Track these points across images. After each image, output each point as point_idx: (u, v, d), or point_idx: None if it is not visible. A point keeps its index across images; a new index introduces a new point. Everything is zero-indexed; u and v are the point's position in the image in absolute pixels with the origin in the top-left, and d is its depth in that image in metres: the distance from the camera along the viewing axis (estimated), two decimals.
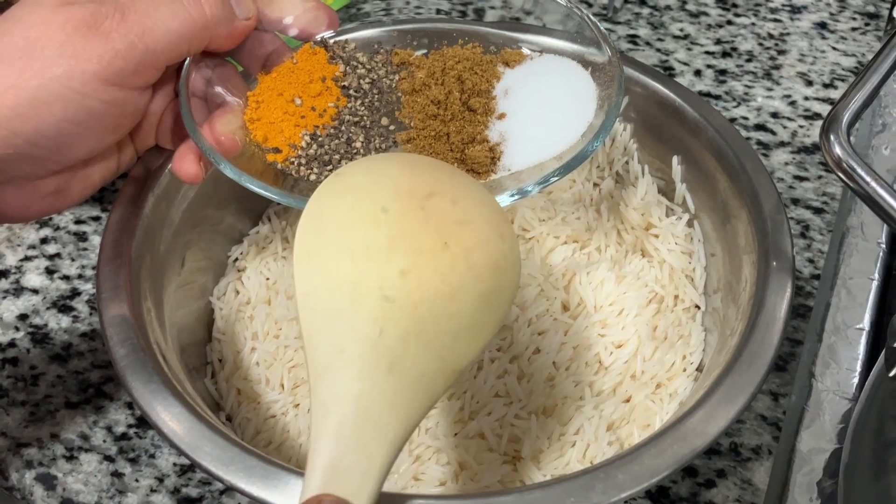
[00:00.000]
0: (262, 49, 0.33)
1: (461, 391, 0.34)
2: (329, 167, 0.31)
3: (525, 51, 0.35)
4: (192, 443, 0.28)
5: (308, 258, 0.25)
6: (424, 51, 0.35)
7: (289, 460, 0.33)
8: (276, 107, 0.32)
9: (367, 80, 0.34)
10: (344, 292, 0.24)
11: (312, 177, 0.31)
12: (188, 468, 0.35)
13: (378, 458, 0.22)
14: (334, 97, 0.33)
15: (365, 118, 0.33)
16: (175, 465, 0.36)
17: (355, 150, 0.32)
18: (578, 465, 0.32)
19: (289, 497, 0.26)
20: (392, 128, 0.33)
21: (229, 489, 0.31)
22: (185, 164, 0.31)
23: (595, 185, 0.41)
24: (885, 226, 0.40)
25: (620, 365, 0.35)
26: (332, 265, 0.24)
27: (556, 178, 0.30)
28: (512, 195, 0.30)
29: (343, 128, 0.32)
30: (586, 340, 0.35)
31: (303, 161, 0.31)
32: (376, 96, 0.33)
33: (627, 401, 0.34)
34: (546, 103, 0.33)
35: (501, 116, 0.32)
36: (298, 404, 0.35)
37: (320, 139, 0.32)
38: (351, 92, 0.33)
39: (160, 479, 0.35)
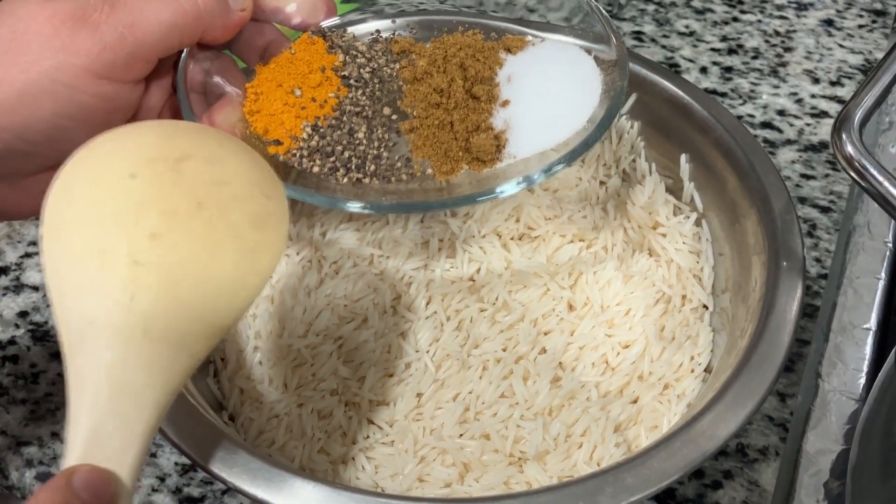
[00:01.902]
0: (260, 40, 0.32)
1: (466, 391, 0.34)
2: (332, 158, 0.31)
3: (528, 37, 0.35)
4: (194, 443, 0.27)
5: (55, 234, 0.24)
6: (425, 40, 0.35)
7: (292, 461, 0.33)
8: (275, 98, 0.32)
9: (368, 69, 0.33)
10: (92, 262, 0.23)
11: (315, 169, 0.31)
12: (190, 468, 0.35)
13: (138, 424, 0.22)
14: (335, 87, 0.32)
15: (367, 108, 0.32)
16: (177, 464, 0.35)
17: (358, 142, 0.31)
18: (585, 466, 0.31)
19: (292, 499, 0.26)
20: (395, 117, 0.32)
21: (231, 489, 0.30)
22: None
23: (602, 183, 0.41)
24: (893, 225, 0.39)
25: (627, 366, 0.34)
26: (80, 237, 0.24)
27: (563, 166, 0.30)
28: (519, 183, 0.29)
29: (345, 118, 0.32)
30: (593, 341, 0.35)
31: (305, 153, 0.31)
32: (377, 85, 0.33)
33: (635, 402, 0.34)
34: (550, 90, 0.33)
35: (505, 104, 0.32)
36: (302, 404, 0.34)
37: (322, 130, 0.31)
38: (351, 82, 0.33)
39: (161, 479, 0.35)
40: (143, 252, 0.23)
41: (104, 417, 0.22)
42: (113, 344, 0.23)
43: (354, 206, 0.29)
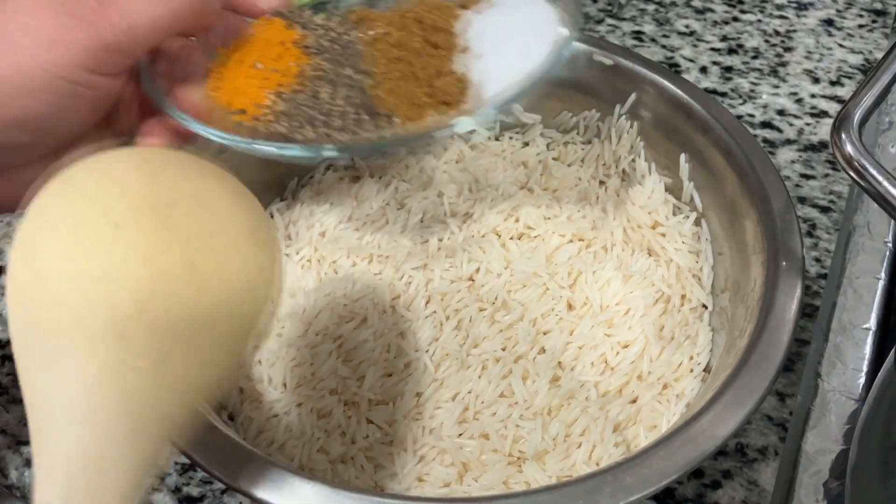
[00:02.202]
0: (221, 24, 0.32)
1: (465, 391, 0.34)
2: (297, 118, 0.31)
3: None
4: (194, 442, 0.27)
5: (24, 292, 0.21)
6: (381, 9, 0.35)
7: (291, 460, 0.33)
8: (237, 73, 0.32)
9: (327, 38, 0.33)
10: (68, 331, 0.20)
11: (282, 129, 0.31)
12: (189, 467, 0.35)
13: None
14: (295, 57, 0.32)
15: (329, 72, 0.32)
16: (176, 463, 0.35)
17: (322, 101, 0.31)
18: (584, 466, 0.31)
19: (291, 498, 0.26)
20: (357, 77, 0.32)
21: (230, 489, 0.30)
22: (150, 140, 0.31)
23: (601, 182, 0.41)
24: (893, 225, 0.39)
25: (627, 365, 0.34)
26: (55, 300, 0.21)
27: (525, 95, 0.30)
28: (476, 118, 0.29)
29: (307, 83, 0.32)
30: (592, 340, 0.35)
31: (270, 117, 0.31)
32: (338, 50, 0.33)
33: (634, 401, 0.34)
34: (508, 33, 0.33)
35: (465, 50, 0.32)
36: (301, 403, 0.34)
37: (285, 96, 0.31)
38: (312, 50, 0.33)
39: (161, 478, 0.35)
40: (129, 323, 0.20)
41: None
42: (84, 427, 0.20)
43: (328, 152, 0.29)
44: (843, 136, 0.29)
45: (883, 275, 0.38)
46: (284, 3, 0.33)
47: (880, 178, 0.29)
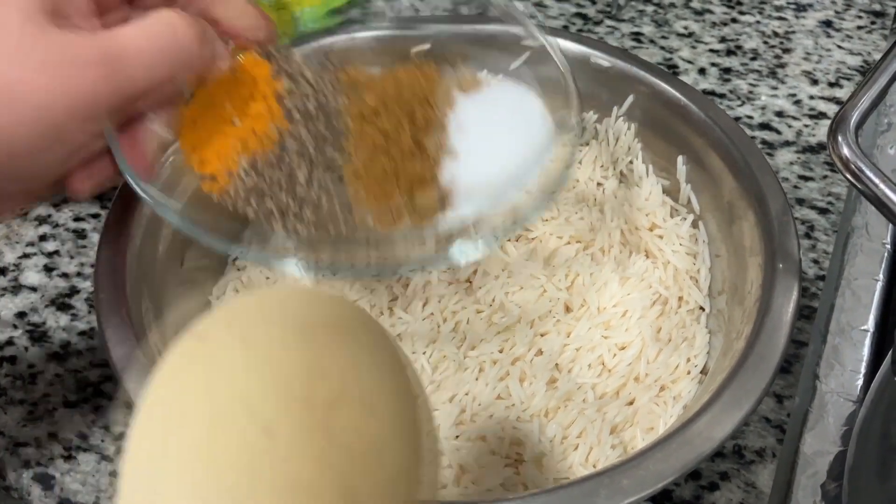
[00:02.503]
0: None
1: (462, 393, 0.34)
2: (268, 200, 0.29)
3: (482, 74, 0.34)
4: None
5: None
6: (380, 61, 0.34)
7: None
8: (211, 127, 0.30)
9: (313, 101, 0.31)
10: None
11: (250, 213, 0.29)
12: None
13: None
14: (277, 118, 0.30)
15: (309, 147, 0.30)
16: None
17: (297, 184, 0.29)
18: (581, 468, 0.31)
19: None
20: (337, 159, 0.30)
21: None
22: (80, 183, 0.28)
23: (599, 184, 0.41)
24: (891, 226, 0.39)
25: (624, 367, 0.34)
26: None
27: (508, 235, 0.29)
28: (462, 251, 0.28)
29: (285, 156, 0.29)
30: (589, 342, 0.35)
31: (241, 194, 0.29)
32: (322, 122, 0.31)
33: (631, 403, 0.34)
34: (501, 145, 0.31)
35: (452, 155, 0.31)
36: None
37: (259, 167, 0.29)
38: (295, 115, 0.30)
39: None
40: None
41: None
42: None
43: (290, 266, 0.28)
44: (840, 138, 0.29)
45: (881, 276, 0.38)
46: (270, 39, 0.31)
47: (877, 181, 0.29)
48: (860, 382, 0.35)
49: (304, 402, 0.17)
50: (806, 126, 0.50)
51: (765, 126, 0.49)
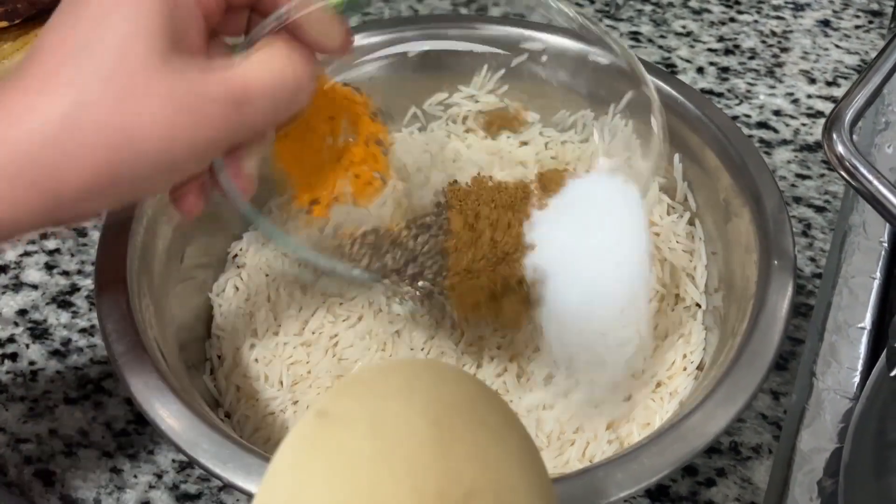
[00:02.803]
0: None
1: None
2: (379, 259, 0.30)
3: (567, 168, 0.34)
4: (191, 440, 0.28)
5: None
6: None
7: None
8: (310, 151, 0.30)
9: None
10: None
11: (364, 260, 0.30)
12: (187, 465, 0.35)
13: None
14: (381, 167, 0.30)
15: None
16: (174, 461, 0.36)
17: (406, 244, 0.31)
18: (578, 463, 0.32)
19: None
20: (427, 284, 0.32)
21: (228, 486, 0.31)
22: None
23: None
24: (888, 224, 0.40)
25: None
26: None
27: None
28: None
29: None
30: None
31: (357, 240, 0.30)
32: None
33: (627, 399, 0.34)
34: (589, 261, 0.29)
35: (535, 275, 0.30)
36: (297, 401, 0.34)
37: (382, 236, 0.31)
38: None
39: (159, 476, 0.35)
40: None
41: None
42: None
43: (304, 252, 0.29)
44: (835, 136, 0.29)
45: (878, 274, 0.38)
46: (344, 46, 0.29)
47: (871, 178, 0.29)
48: (857, 380, 0.35)
49: (439, 495, 0.16)
50: (803, 125, 0.50)
51: (762, 125, 0.50)
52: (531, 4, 0.38)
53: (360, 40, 0.39)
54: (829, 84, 0.52)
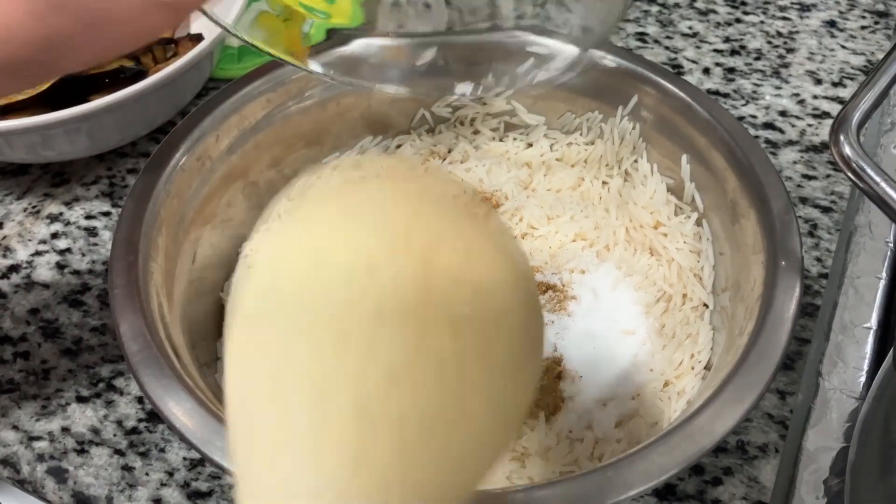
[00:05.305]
0: None
1: None
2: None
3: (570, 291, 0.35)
4: (203, 437, 0.28)
5: (245, 367, 0.17)
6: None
7: None
8: None
9: None
10: (303, 414, 0.16)
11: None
12: (198, 462, 0.36)
13: None
14: None
15: None
16: (185, 459, 0.36)
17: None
18: (587, 462, 0.32)
19: None
20: None
21: None
22: None
23: (604, 183, 0.41)
24: (894, 225, 0.40)
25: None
26: (286, 369, 0.16)
27: None
28: None
29: None
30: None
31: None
32: None
33: (635, 398, 0.34)
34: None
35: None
36: None
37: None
38: None
39: (170, 473, 0.35)
40: (375, 402, 0.16)
41: None
42: None
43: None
44: (842, 137, 0.30)
45: (884, 274, 0.38)
46: None
47: (878, 180, 0.29)
48: (863, 379, 0.35)
49: (403, 246, 0.16)
50: (809, 125, 0.50)
51: (769, 125, 0.50)
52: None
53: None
54: (835, 85, 0.52)
